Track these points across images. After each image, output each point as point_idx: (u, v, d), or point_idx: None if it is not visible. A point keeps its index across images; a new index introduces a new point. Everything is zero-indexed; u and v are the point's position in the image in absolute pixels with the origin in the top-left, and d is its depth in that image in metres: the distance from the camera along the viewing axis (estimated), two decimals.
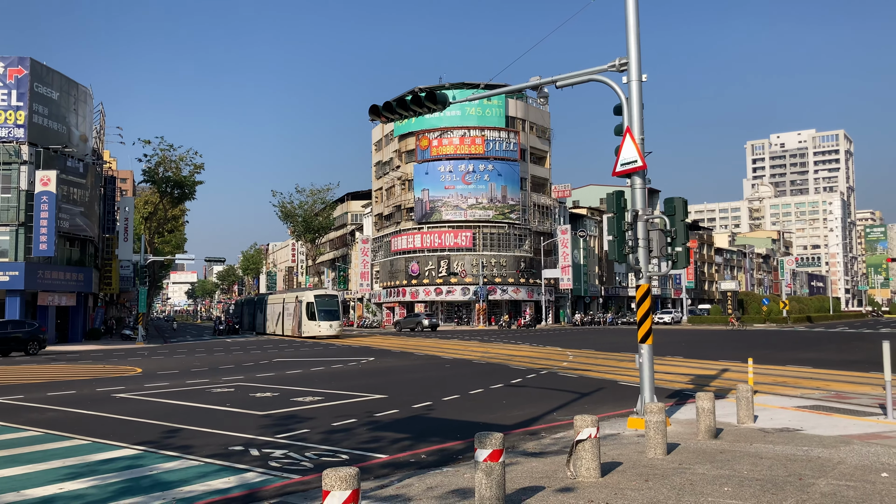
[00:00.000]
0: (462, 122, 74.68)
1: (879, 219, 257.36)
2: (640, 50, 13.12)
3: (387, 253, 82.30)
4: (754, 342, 40.48)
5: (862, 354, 29.46)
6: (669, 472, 8.72)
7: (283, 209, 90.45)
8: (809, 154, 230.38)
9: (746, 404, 12.52)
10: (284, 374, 23.44)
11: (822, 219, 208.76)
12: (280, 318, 59.22)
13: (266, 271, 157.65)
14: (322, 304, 52.91)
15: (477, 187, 74.77)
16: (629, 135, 12.84)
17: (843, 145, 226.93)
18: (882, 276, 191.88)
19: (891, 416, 12.63)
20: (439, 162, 75.20)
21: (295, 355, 33.74)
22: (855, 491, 7.67)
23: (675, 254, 12.80)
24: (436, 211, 75.54)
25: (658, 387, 17.52)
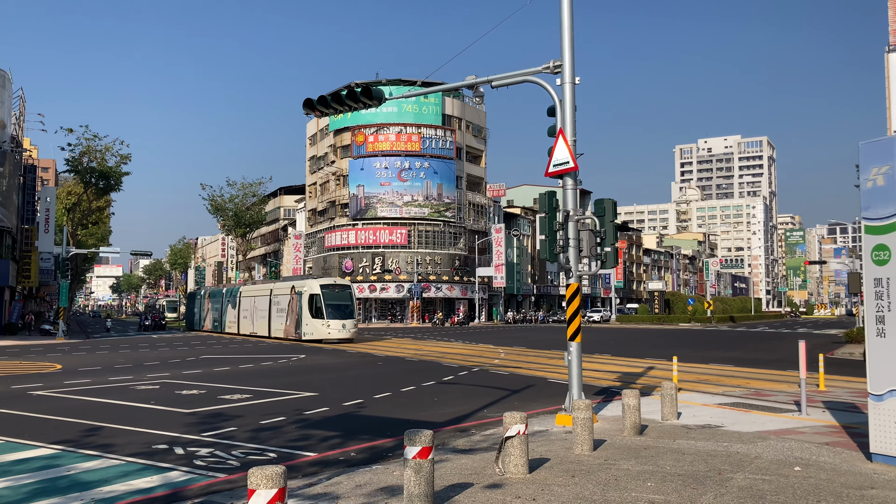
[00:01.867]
0: (399, 118, 74.53)
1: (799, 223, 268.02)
2: (573, 53, 13.31)
3: (320, 249, 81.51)
4: (679, 341, 41.67)
5: (780, 354, 30.66)
6: (595, 467, 8.90)
7: (213, 202, 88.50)
8: (735, 159, 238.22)
9: (671, 401, 12.87)
10: (212, 371, 22.96)
11: (745, 222, 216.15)
12: (264, 316, 46.36)
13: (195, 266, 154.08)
14: (332, 296, 40.19)
15: (413, 184, 74.75)
16: (562, 136, 13.02)
17: (766, 151, 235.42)
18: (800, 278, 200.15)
19: (804, 413, 13.18)
20: (375, 158, 74.87)
21: (224, 352, 33.09)
22: (770, 484, 7.97)
23: (604, 254, 13.05)
24: (371, 207, 75.20)
25: (586, 384, 17.83)
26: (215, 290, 59.51)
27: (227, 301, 54.26)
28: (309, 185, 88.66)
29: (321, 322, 39.45)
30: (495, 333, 51.41)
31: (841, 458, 9.44)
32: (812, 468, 8.82)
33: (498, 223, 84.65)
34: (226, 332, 53.60)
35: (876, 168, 9.59)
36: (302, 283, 42.35)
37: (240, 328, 50.74)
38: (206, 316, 59.42)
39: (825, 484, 7.99)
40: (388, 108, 72.91)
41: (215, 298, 57.60)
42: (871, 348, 9.50)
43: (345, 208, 77.79)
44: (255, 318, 47.97)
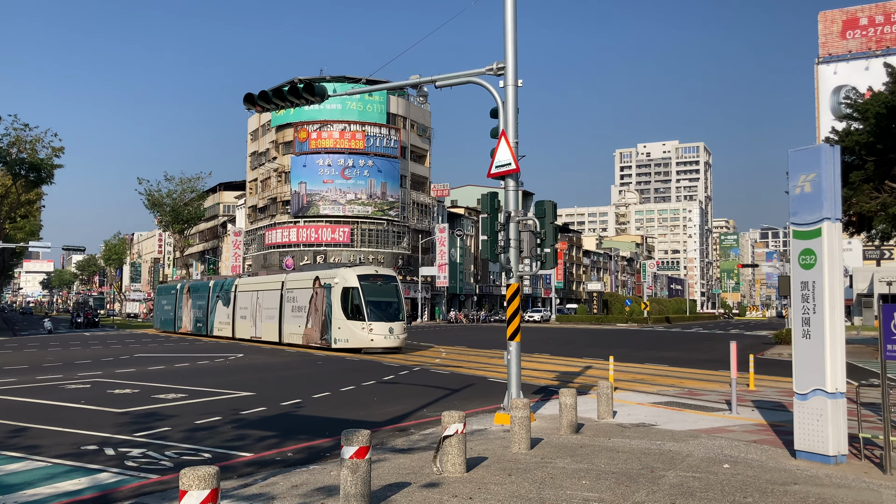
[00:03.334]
0: (343, 116, 73.97)
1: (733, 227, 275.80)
2: (516, 56, 13.44)
3: (260, 246, 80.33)
4: (617, 341, 42.45)
5: (713, 354, 31.52)
6: (532, 466, 9.00)
7: (149, 197, 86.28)
8: (673, 164, 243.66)
9: (607, 400, 13.11)
10: (146, 371, 22.41)
11: (682, 225, 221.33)
12: (272, 316, 36.68)
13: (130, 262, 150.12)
14: (373, 290, 30.64)
15: (356, 183, 74.28)
16: (504, 138, 13.14)
17: (702, 157, 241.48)
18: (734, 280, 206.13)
19: (735, 412, 13.59)
20: (318, 155, 74.14)
21: (159, 350, 32.33)
22: (700, 482, 8.19)
23: (544, 254, 13.22)
24: (313, 205, 74.45)
25: (525, 383, 18.02)
26: (198, 284, 48.85)
27: (215, 297, 44.11)
28: (249, 182, 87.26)
29: (360, 325, 29.84)
30: (437, 333, 51.50)
31: (767, 456, 9.76)
32: (740, 465, 9.10)
33: (442, 223, 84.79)
34: (214, 335, 43.64)
35: (804, 175, 9.94)
36: (331, 273, 32.06)
37: (235, 331, 40.80)
38: (184, 315, 49.10)
39: (752, 480, 8.25)
40: (332, 106, 72.31)
41: (198, 294, 47.24)
42: (797, 349, 9.84)
43: (286, 205, 76.84)
44: (258, 319, 38.15)
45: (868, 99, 30.75)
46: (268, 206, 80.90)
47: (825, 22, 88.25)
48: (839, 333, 9.63)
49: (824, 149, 9.85)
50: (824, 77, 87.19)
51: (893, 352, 9.34)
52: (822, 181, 9.69)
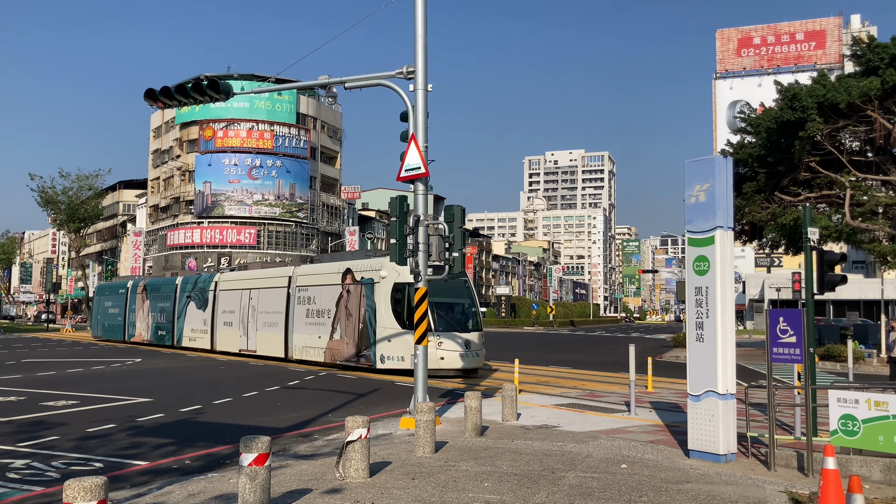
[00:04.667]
0: (251, 114, 72.39)
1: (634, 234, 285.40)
2: (426, 60, 13.48)
3: (162, 247, 77.63)
4: (523, 343, 43.18)
5: (614, 357, 32.46)
6: (436, 469, 9.01)
7: (43, 195, 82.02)
8: (579, 172, 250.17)
9: (511, 403, 13.29)
10: (35, 377, 21.25)
11: (587, 232, 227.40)
12: (274, 323, 27.89)
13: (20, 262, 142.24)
14: (438, 287, 20.75)
15: (264, 183, 72.82)
16: (414, 142, 13.15)
17: (607, 166, 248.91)
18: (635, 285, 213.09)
19: (633, 413, 14.02)
20: (224, 154, 72.28)
21: (50, 355, 30.71)
22: (598, 482, 8.40)
23: (452, 258, 13.28)
24: (218, 205, 72.52)
25: (433, 387, 18.06)
26: (159, 281, 39.16)
27: (185, 297, 34.81)
28: (151, 180, 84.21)
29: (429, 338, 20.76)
30: None
31: (663, 455, 10.11)
32: (637, 465, 9.39)
33: (352, 225, 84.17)
34: (183, 345, 34.44)
35: (699, 185, 10.37)
36: (371, 263, 23.68)
37: (216, 341, 31.76)
38: (138, 320, 39.05)
39: (647, 480, 8.52)
40: (239, 104, 70.68)
41: (159, 293, 37.48)
42: (691, 352, 10.25)
43: (190, 205, 74.54)
44: (251, 326, 29.24)
45: (760, 114, 32.44)
46: (170, 206, 78.30)
47: (722, 40, 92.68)
48: (730, 337, 10.08)
49: (718, 160, 10.30)
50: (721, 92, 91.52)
51: (779, 354, 9.85)
52: (715, 191, 10.13)
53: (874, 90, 25.68)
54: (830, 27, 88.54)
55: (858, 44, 28.82)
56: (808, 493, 7.93)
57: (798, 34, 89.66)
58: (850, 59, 30.27)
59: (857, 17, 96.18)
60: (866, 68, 27.25)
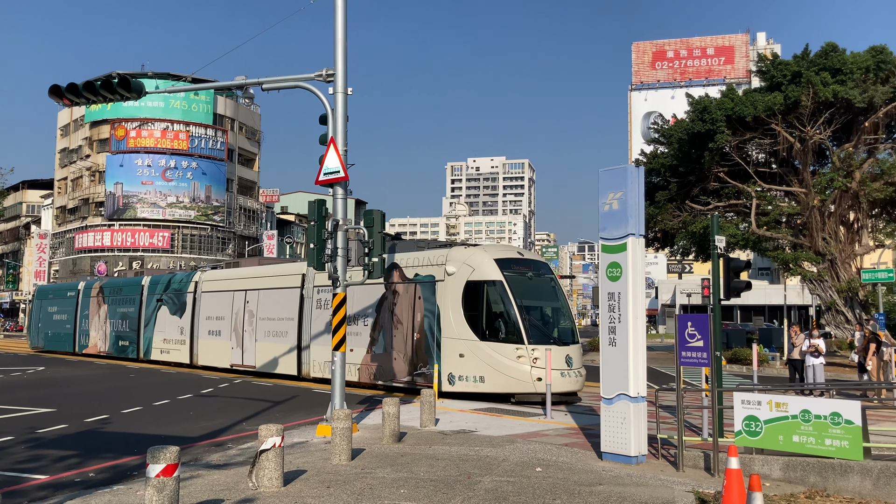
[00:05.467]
0: (165, 114, 70.30)
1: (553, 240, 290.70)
2: (346, 63, 13.38)
3: (69, 251, 74.42)
4: None
5: None
6: (352, 477, 8.91)
7: None
8: (500, 179, 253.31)
9: (429, 408, 13.29)
10: None
11: (507, 237, 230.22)
12: (283, 333, 22.83)
13: None
14: (526, 288, 17.68)
15: (178, 185, 70.79)
16: (333, 145, 13.02)
17: (527, 173, 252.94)
18: None
19: (549, 416, 14.23)
20: (137, 155, 69.91)
21: None
22: (513, 486, 8.48)
23: (371, 264, 13.20)
24: (130, 207, 70.07)
25: (351, 394, 17.92)
26: (120, 282, 33.18)
27: (154, 301, 29.37)
28: (58, 180, 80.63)
29: (513, 350, 16.57)
30: None
31: (577, 458, 10.29)
32: (552, 468, 9.53)
33: (270, 229, 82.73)
34: (152, 358, 28.95)
35: (612, 193, 10.63)
36: (429, 257, 18.87)
37: (197, 354, 26.51)
38: (92, 328, 33.27)
39: (561, 483, 8.66)
40: (154, 103, 68.54)
41: (121, 297, 31.80)
42: (604, 356, 10.48)
43: (100, 207, 71.76)
44: (247, 336, 24.20)
45: (672, 125, 33.61)
46: (79, 208, 75.19)
47: (638, 52, 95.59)
48: (641, 341, 10.37)
49: (630, 170, 10.59)
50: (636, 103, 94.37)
51: (688, 358, 10.19)
52: (628, 199, 10.41)
53: (777, 105, 26.95)
54: (739, 44, 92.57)
55: (763, 60, 30.23)
56: (713, 493, 8.21)
57: (709, 49, 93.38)
58: (757, 74, 31.70)
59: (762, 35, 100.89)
60: (771, 84, 28.59)
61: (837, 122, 27.32)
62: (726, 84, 33.85)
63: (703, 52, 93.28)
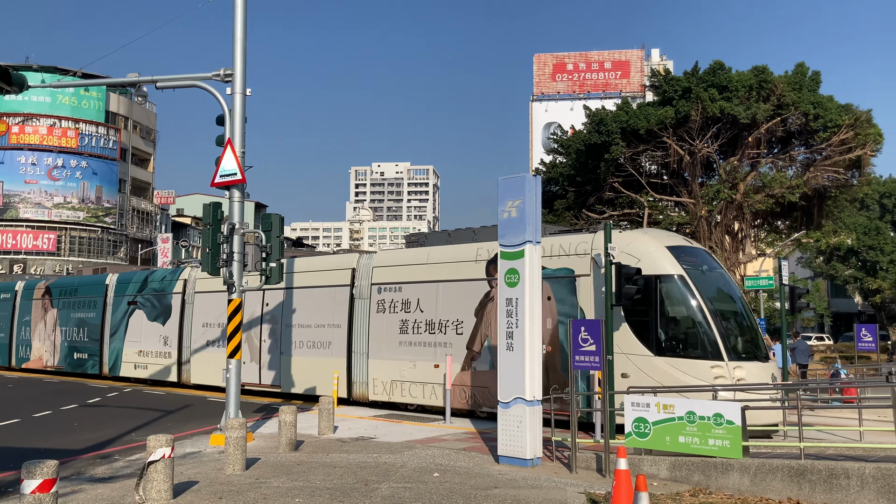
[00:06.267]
0: (53, 110, 66.74)
1: None
2: (246, 63, 13.10)
3: None
4: None
5: None
6: (245, 487, 8.69)
7: None
8: (405, 184, 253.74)
9: (328, 416, 13.12)
10: None
11: None
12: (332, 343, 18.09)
13: None
14: (709, 285, 14.00)
15: (66, 185, 67.31)
16: (230, 147, 12.72)
17: (432, 179, 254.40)
18: None
19: (449, 421, 14.32)
20: (20, 152, 66.02)
21: None
22: (410, 492, 8.48)
23: (269, 269, 12.94)
24: (11, 207, 66.08)
25: (248, 402, 17.52)
26: (74, 282, 28.00)
27: (124, 304, 24.55)
28: None
29: (707, 371, 12.77)
30: None
31: (474, 462, 10.40)
32: (449, 473, 9.58)
33: (165, 232, 79.78)
34: (125, 376, 24.00)
35: (511, 201, 10.83)
36: (565, 244, 14.82)
37: (188, 370, 21.78)
38: (35, 338, 28.27)
39: (458, 487, 8.72)
40: (39, 97, 64.91)
41: (76, 300, 26.94)
42: (501, 361, 10.64)
43: None
44: (268, 348, 19.60)
45: (571, 136, 34.56)
46: None
47: (539, 64, 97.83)
48: (537, 346, 10.59)
49: (528, 178, 10.82)
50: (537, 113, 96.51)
51: (581, 361, 10.47)
52: (525, 207, 10.63)
53: (669, 119, 28.14)
54: (634, 59, 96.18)
55: (657, 76, 31.52)
56: (604, 493, 8.46)
57: (606, 63, 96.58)
58: (650, 89, 32.98)
59: (657, 51, 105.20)
60: (663, 98, 29.83)
61: (724, 137, 28.73)
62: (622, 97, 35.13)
63: (601, 66, 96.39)
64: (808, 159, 29.48)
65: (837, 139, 27.26)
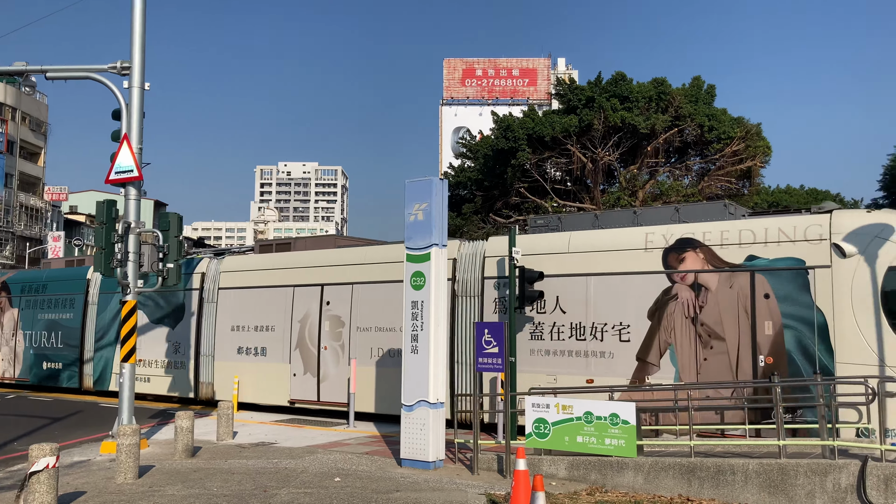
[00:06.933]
0: None
1: None
2: (144, 56, 12.64)
3: None
4: None
5: None
6: (136, 496, 8.35)
7: None
8: (312, 185, 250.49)
9: (227, 421, 12.79)
10: None
11: None
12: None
13: None
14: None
15: None
16: (127, 142, 12.23)
17: (340, 180, 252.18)
18: None
19: (352, 425, 14.21)
20: None
21: None
22: (310, 497, 8.35)
23: (167, 270, 12.51)
24: None
25: (143, 407, 16.89)
26: (41, 276, 23.25)
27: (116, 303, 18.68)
28: None
29: None
30: None
31: (377, 466, 10.34)
32: (350, 477, 9.50)
33: (57, 230, 75.92)
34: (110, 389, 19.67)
35: (417, 204, 10.85)
36: (799, 224, 11.81)
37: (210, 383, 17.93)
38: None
39: (359, 491, 8.65)
40: None
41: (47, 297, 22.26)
42: (406, 364, 10.63)
43: None
44: (329, 355, 16.00)
45: (479, 141, 34.99)
46: None
47: (449, 68, 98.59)
48: (442, 348, 10.64)
49: (435, 182, 10.86)
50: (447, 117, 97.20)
51: (484, 363, 10.59)
52: (432, 210, 10.67)
53: (573, 127, 28.88)
54: (541, 67, 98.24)
55: (562, 85, 32.29)
56: (503, 494, 8.57)
57: (514, 70, 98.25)
58: (556, 97, 33.74)
59: (562, 61, 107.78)
60: (568, 107, 30.59)
61: (625, 146, 29.72)
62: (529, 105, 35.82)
63: (510, 73, 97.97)
64: (703, 169, 30.85)
65: (730, 150, 28.65)
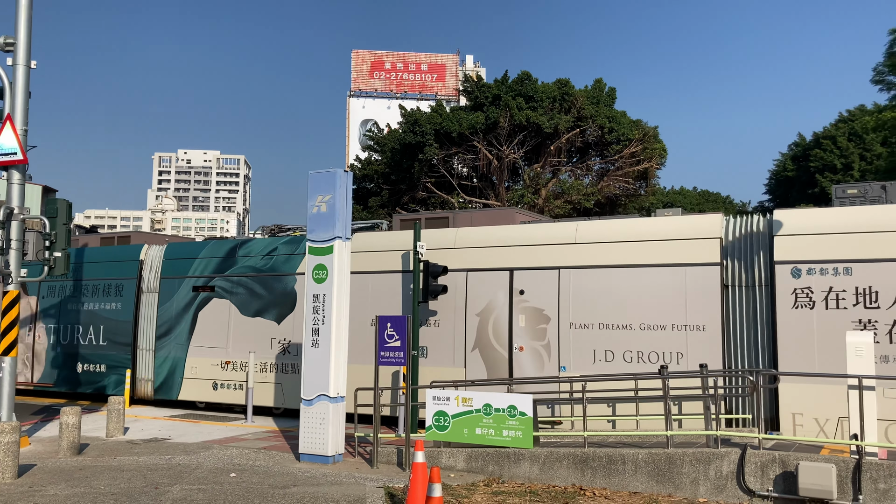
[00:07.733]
0: None
1: None
2: (31, 32, 11.95)
3: None
4: None
5: None
6: (16, 497, 7.93)
7: None
8: (213, 174, 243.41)
9: (117, 417, 12.31)
10: None
11: (219, 235, 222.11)
12: None
13: None
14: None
15: None
16: (10, 123, 11.56)
17: (243, 170, 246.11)
18: None
19: (250, 420, 13.94)
20: None
21: None
22: (204, 493, 8.14)
23: (53, 258, 11.91)
24: None
25: (26, 403, 16.06)
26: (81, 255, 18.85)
27: (189, 292, 16.36)
28: None
29: None
30: None
31: (274, 461, 10.18)
32: (247, 473, 9.31)
33: None
34: (181, 398, 16.07)
35: (321, 196, 10.72)
36: None
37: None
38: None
39: (255, 487, 8.50)
40: None
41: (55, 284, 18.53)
42: (306, 358, 10.51)
43: None
44: None
45: (387, 135, 34.87)
46: None
47: (357, 60, 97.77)
48: (343, 342, 10.57)
49: (339, 174, 10.76)
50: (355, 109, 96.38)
51: (386, 357, 10.58)
52: (336, 203, 10.57)
53: (480, 124, 29.20)
54: (450, 63, 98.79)
55: (470, 81, 32.60)
56: (402, 487, 8.60)
57: (423, 65, 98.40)
58: (464, 94, 34.03)
59: (471, 58, 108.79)
60: (475, 104, 30.90)
61: (529, 144, 30.29)
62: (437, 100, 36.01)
63: (418, 68, 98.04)
64: (603, 169, 31.80)
65: (628, 152, 29.64)
